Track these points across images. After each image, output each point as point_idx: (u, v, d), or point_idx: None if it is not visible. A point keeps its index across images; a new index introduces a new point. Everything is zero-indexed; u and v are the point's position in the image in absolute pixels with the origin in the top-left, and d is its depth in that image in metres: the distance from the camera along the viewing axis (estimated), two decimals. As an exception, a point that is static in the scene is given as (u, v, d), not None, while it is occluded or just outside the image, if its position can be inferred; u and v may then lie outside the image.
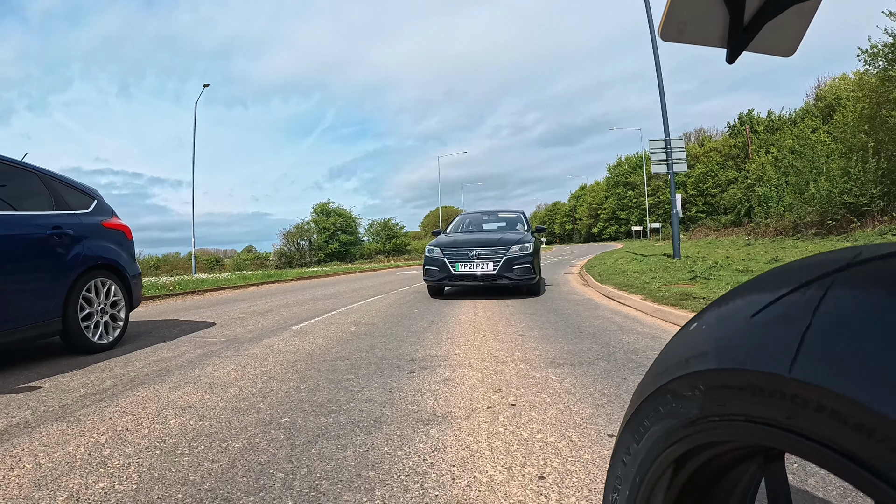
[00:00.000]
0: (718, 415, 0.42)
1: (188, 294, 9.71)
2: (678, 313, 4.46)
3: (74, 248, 3.75)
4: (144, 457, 1.80)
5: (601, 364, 2.98)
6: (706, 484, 0.52)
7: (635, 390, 0.57)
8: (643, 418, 0.53)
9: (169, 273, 24.09)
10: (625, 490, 0.57)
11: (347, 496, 1.47)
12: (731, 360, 0.40)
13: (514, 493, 1.45)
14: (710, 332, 0.46)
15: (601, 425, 1.98)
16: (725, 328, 0.44)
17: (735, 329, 0.42)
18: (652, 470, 0.52)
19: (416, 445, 1.84)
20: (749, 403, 0.38)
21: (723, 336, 0.44)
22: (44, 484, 1.60)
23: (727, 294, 0.50)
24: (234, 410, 2.31)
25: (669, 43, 0.74)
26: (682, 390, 0.47)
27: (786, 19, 0.67)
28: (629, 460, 0.56)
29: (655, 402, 0.51)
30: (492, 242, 6.80)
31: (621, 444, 0.58)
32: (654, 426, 0.51)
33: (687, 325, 0.53)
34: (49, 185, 3.86)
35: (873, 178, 15.64)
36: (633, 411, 0.55)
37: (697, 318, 0.52)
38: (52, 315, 3.51)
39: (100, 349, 3.83)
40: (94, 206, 4.19)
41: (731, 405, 0.41)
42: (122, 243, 4.31)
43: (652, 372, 0.54)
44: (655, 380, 0.51)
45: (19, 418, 2.29)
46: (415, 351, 3.55)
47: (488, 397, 2.40)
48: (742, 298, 0.46)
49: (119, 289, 4.16)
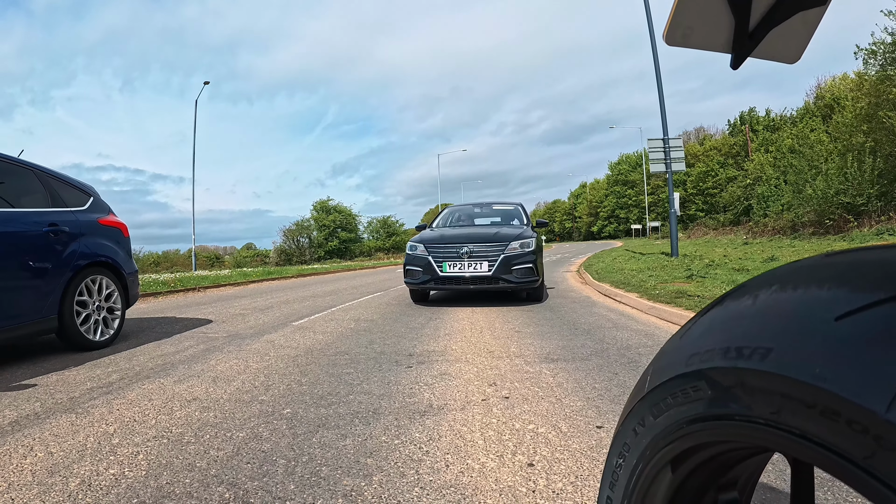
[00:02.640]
0: (763, 418, 0.37)
1: (189, 291, 9.79)
2: (673, 311, 4.54)
3: (71, 246, 3.74)
4: (152, 445, 1.88)
5: (594, 360, 3.06)
6: (714, 474, 0.51)
7: (655, 365, 0.53)
8: (667, 395, 0.48)
9: (169, 270, 24.17)
10: (634, 454, 0.54)
11: (347, 481, 1.55)
12: (803, 372, 0.34)
13: (505, 479, 1.54)
14: (768, 322, 0.39)
15: (591, 417, 2.06)
16: (792, 323, 0.37)
17: (808, 329, 0.35)
18: (663, 451, 0.49)
19: (413, 435, 1.92)
20: (815, 424, 0.33)
21: (788, 333, 0.37)
22: (56, 471, 1.68)
23: (787, 270, 0.43)
24: (237, 402, 2.39)
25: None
26: (722, 380, 0.41)
27: (791, 26, 0.67)
28: (642, 431, 0.53)
29: (685, 382, 0.46)
30: (486, 238, 5.80)
31: (634, 413, 0.54)
32: (676, 407, 0.47)
33: (729, 300, 0.47)
34: (45, 183, 3.84)
35: (870, 178, 15.73)
36: (658, 385, 0.50)
37: (744, 293, 0.45)
38: (48, 313, 3.50)
39: (96, 347, 3.83)
40: (90, 203, 4.18)
41: (786, 416, 0.35)
42: (118, 240, 4.31)
43: (684, 350, 0.48)
44: (688, 362, 0.46)
45: (29, 410, 2.36)
46: (413, 346, 3.63)
47: (483, 390, 2.48)
48: (817, 286, 0.38)
49: (115, 286, 4.16)
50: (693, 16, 0.68)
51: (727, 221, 34.11)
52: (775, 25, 0.66)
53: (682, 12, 0.68)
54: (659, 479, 0.52)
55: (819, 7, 0.66)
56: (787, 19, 0.66)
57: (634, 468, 0.54)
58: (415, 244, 6.12)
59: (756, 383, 0.38)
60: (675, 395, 0.47)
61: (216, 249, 50.34)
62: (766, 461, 0.55)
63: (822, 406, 0.32)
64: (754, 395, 0.38)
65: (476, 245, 5.71)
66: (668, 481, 0.51)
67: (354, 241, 43.07)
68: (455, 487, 1.49)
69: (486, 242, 5.74)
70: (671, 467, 0.50)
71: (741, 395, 0.39)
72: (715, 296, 5.06)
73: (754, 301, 0.43)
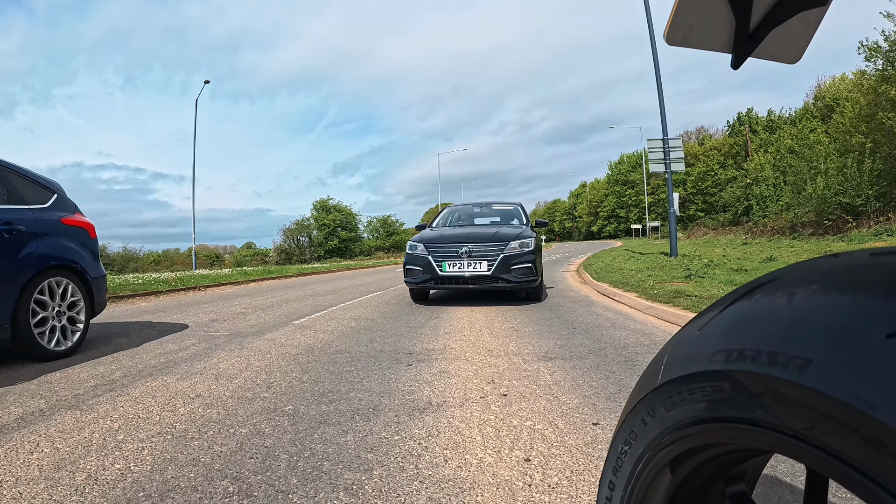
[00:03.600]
0: (794, 431, 0.35)
1: (189, 290, 9.83)
2: (671, 311, 4.57)
3: (28, 247, 3.42)
4: (157, 441, 1.91)
5: (591, 358, 3.10)
6: (714, 475, 0.51)
7: (671, 355, 0.52)
8: (683, 389, 0.46)
9: (169, 269, 24.22)
10: (641, 443, 0.54)
11: (347, 475, 1.58)
12: (849, 394, 0.31)
13: (502, 473, 1.57)
14: (808, 329, 0.36)
15: (587, 414, 2.10)
16: (836, 334, 0.34)
17: (856, 345, 0.32)
18: (671, 445, 0.49)
19: (412, 431, 1.95)
20: (855, 448, 0.31)
21: (832, 346, 0.34)
22: (63, 466, 1.72)
23: (828, 266, 0.40)
24: (240, 399, 2.43)
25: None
26: (751, 385, 0.39)
27: (792, 26, 0.67)
28: (651, 422, 0.52)
29: (707, 380, 0.43)
30: (486, 238, 5.85)
31: (645, 402, 0.53)
32: (693, 403, 0.45)
33: (760, 294, 0.44)
34: (2, 177, 3.53)
35: (869, 178, 15.78)
36: (674, 378, 0.48)
37: (778, 288, 0.42)
38: (1, 321, 3.20)
39: (56, 356, 3.49)
40: (53, 200, 3.85)
41: (820, 434, 0.33)
42: (84, 242, 3.97)
43: (706, 344, 0.46)
44: (712, 359, 0.43)
45: (34, 407, 2.40)
46: (412, 345, 3.67)
47: (481, 388, 2.52)
48: (866, 292, 0.35)
49: (80, 292, 3.82)
50: (694, 16, 0.68)
51: (726, 221, 34.17)
52: (776, 26, 0.67)
53: (683, 12, 0.68)
54: (664, 472, 0.52)
55: (820, 8, 0.66)
56: (787, 19, 0.66)
57: (640, 457, 0.54)
58: (415, 244, 6.13)
59: (790, 395, 0.35)
60: (693, 392, 0.45)
61: (216, 248, 50.49)
62: (771, 455, 0.54)
63: (867, 433, 0.30)
64: (787, 407, 0.35)
65: (475, 244, 5.74)
66: (674, 475, 0.51)
67: (354, 241, 43.14)
68: (453, 481, 1.53)
69: (486, 242, 5.76)
70: (680, 461, 0.49)
71: (770, 403, 0.37)
72: (713, 296, 5.09)
73: (790, 300, 0.39)
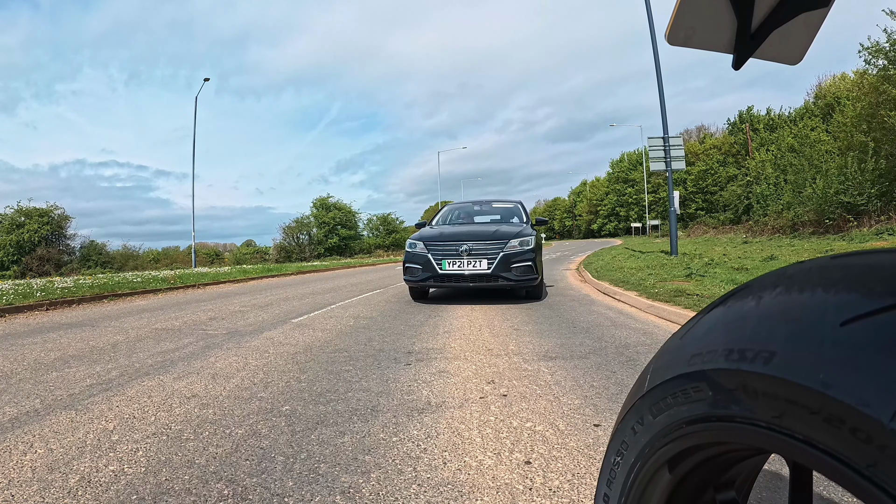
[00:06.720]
0: (766, 422, 0.37)
1: (189, 287, 9.80)
2: (671, 309, 4.55)
3: None
4: (152, 442, 1.89)
5: (592, 358, 3.07)
6: (711, 475, 0.52)
7: (656, 364, 0.53)
8: (667, 394, 0.48)
9: (169, 266, 24.18)
10: (632, 452, 0.55)
11: (345, 478, 1.56)
12: (808, 378, 0.34)
13: (502, 477, 1.54)
14: (772, 325, 0.39)
15: (588, 415, 2.07)
16: (796, 327, 0.37)
17: (813, 334, 0.35)
18: (661, 450, 0.50)
19: (411, 432, 1.92)
20: (819, 430, 0.33)
21: (792, 337, 0.36)
22: (56, 467, 1.69)
23: (792, 271, 0.42)
24: (236, 399, 2.40)
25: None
26: (724, 382, 0.41)
27: (793, 27, 0.67)
28: (641, 430, 0.53)
29: (686, 382, 0.46)
30: (486, 236, 5.79)
31: (633, 412, 0.55)
32: (676, 407, 0.47)
33: (732, 300, 0.46)
34: None
35: (870, 177, 15.72)
36: (658, 384, 0.50)
37: (748, 294, 0.45)
38: None
39: None
40: None
41: (789, 421, 0.35)
42: None
43: (686, 350, 0.48)
44: (690, 362, 0.46)
45: (29, 407, 2.37)
46: (411, 344, 3.64)
47: (481, 388, 2.49)
48: (823, 289, 0.37)
49: None
50: (695, 16, 0.68)
51: (727, 220, 34.12)
52: (777, 26, 0.67)
53: (685, 12, 0.68)
54: (657, 478, 0.52)
55: (822, 9, 0.66)
56: (789, 20, 0.66)
57: (632, 466, 0.54)
58: (414, 242, 6.10)
59: (759, 387, 0.37)
60: (676, 395, 0.47)
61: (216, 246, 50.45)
62: (764, 461, 0.55)
63: (827, 413, 0.32)
64: (757, 399, 0.38)
65: (475, 243, 5.70)
66: (667, 480, 0.51)
67: (354, 239, 43.04)
68: (452, 485, 1.50)
69: (486, 240, 5.73)
70: (669, 466, 0.50)
71: (743, 397, 0.39)
72: (714, 295, 5.07)
73: (758, 302, 0.42)
